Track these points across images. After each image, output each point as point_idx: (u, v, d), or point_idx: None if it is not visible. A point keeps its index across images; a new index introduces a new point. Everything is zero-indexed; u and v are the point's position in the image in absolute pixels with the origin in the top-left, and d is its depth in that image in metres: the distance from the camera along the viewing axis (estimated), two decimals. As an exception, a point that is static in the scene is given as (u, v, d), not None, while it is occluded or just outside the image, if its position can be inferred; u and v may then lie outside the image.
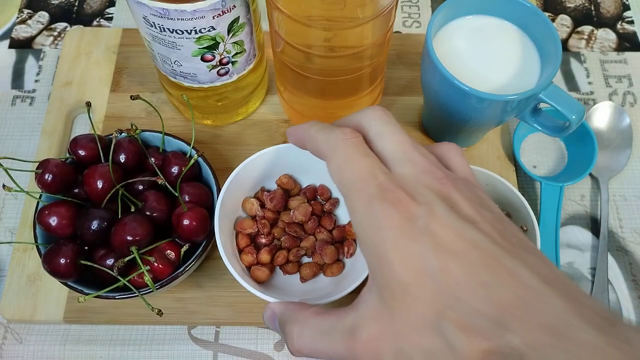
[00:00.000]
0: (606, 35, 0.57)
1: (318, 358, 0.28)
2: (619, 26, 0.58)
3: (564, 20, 0.59)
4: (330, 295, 0.35)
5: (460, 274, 0.23)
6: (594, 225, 0.48)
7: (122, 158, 0.40)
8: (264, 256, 0.39)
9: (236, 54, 0.41)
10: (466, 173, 0.29)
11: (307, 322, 0.28)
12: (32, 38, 0.57)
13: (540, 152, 0.51)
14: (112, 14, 0.59)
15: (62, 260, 0.36)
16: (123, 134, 0.41)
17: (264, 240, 0.40)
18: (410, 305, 0.24)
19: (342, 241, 0.41)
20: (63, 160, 0.40)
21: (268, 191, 0.41)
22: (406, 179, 0.26)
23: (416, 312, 0.24)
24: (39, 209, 0.39)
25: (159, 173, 0.39)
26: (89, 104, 0.41)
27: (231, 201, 0.39)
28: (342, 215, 0.43)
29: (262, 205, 0.41)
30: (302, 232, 0.41)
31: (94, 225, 0.37)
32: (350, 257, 0.40)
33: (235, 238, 0.41)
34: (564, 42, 0.57)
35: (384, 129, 0.28)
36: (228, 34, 0.39)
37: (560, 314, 0.22)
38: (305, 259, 0.41)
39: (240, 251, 0.40)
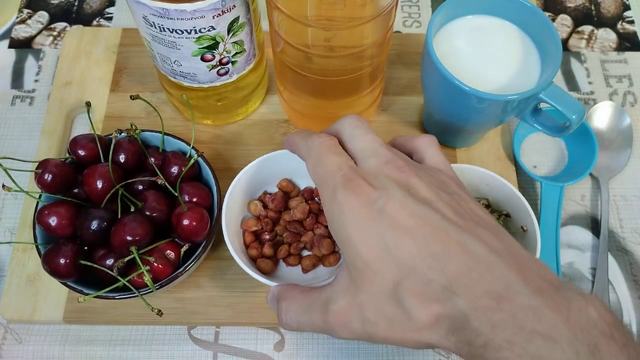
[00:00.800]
0: (606, 35, 0.57)
1: (303, 331, 0.31)
2: (619, 26, 0.58)
3: (564, 20, 0.59)
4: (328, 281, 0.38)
5: (413, 248, 0.26)
6: (594, 225, 0.48)
7: (121, 158, 0.40)
8: (268, 249, 0.42)
9: (236, 53, 0.41)
10: (437, 163, 0.32)
11: (294, 299, 0.32)
12: (32, 38, 0.57)
13: (541, 152, 0.51)
14: (111, 13, 0.59)
15: (62, 261, 0.36)
16: (123, 134, 0.41)
17: (267, 237, 0.43)
18: (372, 279, 0.27)
19: None
20: (63, 160, 0.40)
21: (270, 194, 0.44)
22: (369, 170, 0.29)
23: (377, 284, 0.27)
24: (38, 209, 0.39)
25: (158, 173, 0.39)
26: (88, 104, 0.41)
27: (237, 203, 0.42)
28: None
29: (265, 206, 0.44)
30: (301, 228, 0.43)
31: (94, 225, 0.37)
32: None
33: (242, 236, 0.43)
34: (564, 42, 0.57)
35: (355, 132, 0.31)
36: (228, 34, 0.39)
37: (505, 281, 0.25)
38: (306, 252, 0.43)
39: (247, 247, 0.43)
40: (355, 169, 0.30)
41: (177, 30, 0.37)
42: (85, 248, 0.38)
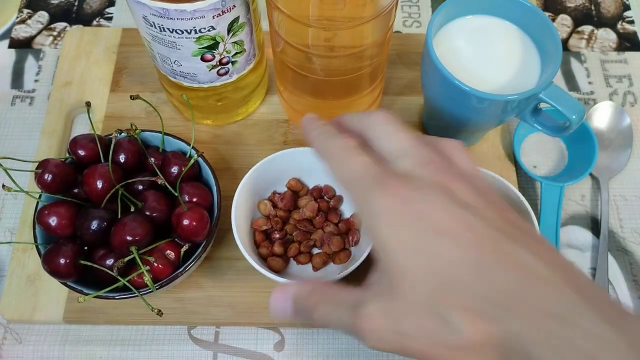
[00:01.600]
0: (606, 35, 0.57)
1: (330, 328, 0.29)
2: (619, 26, 0.58)
3: (564, 20, 0.59)
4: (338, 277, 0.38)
5: (455, 255, 0.24)
6: (594, 225, 0.48)
7: (121, 158, 0.40)
8: (278, 248, 0.43)
9: (236, 53, 0.41)
10: (469, 168, 0.30)
11: (325, 295, 0.29)
12: (32, 38, 0.57)
13: (541, 152, 0.51)
14: (111, 13, 0.59)
15: (62, 261, 0.36)
16: (123, 134, 0.41)
17: (277, 236, 0.44)
18: (408, 287, 0.25)
19: (347, 232, 0.44)
20: (63, 160, 0.40)
21: (279, 193, 0.45)
22: (404, 170, 0.27)
23: (415, 293, 0.24)
24: (38, 209, 0.39)
25: (158, 173, 0.39)
26: (88, 104, 0.41)
27: (246, 203, 0.42)
28: (347, 209, 0.46)
29: (275, 206, 0.45)
30: (311, 226, 0.44)
31: (94, 225, 0.37)
32: (355, 245, 0.43)
33: (253, 235, 0.44)
34: (564, 42, 0.57)
35: (385, 129, 0.29)
36: (228, 34, 0.39)
37: (566, 301, 0.22)
38: (316, 250, 0.44)
39: (257, 246, 0.43)
40: (388, 170, 0.27)
41: (177, 30, 0.37)
42: (85, 248, 0.38)
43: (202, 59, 0.40)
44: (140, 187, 0.40)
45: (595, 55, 0.56)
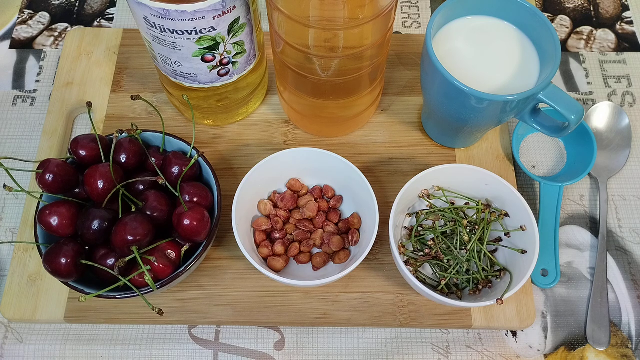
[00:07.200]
0: (605, 36, 0.57)
1: None
2: (618, 27, 0.58)
3: (563, 21, 0.59)
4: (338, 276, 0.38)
5: None
6: (593, 225, 0.48)
7: (122, 158, 0.41)
8: (279, 248, 0.43)
9: (236, 54, 0.41)
10: None
11: None
12: (33, 38, 0.57)
13: (540, 152, 0.51)
14: (112, 14, 0.59)
15: (63, 260, 0.36)
16: (124, 134, 0.41)
17: (278, 235, 0.44)
18: None
19: (347, 232, 0.44)
20: (64, 160, 0.40)
21: (279, 193, 0.45)
22: None
23: None
24: (39, 208, 0.39)
25: (159, 173, 0.39)
26: (89, 104, 0.41)
27: (247, 203, 0.43)
28: (347, 209, 0.46)
29: (275, 206, 0.45)
30: (311, 226, 0.44)
31: (95, 225, 0.37)
32: (355, 245, 0.44)
33: (253, 235, 0.44)
34: (563, 43, 0.57)
35: None
36: (228, 35, 0.39)
37: None
38: (316, 250, 0.44)
39: (258, 245, 0.44)
40: None
41: (178, 31, 0.37)
42: (87, 248, 0.38)
43: (203, 60, 0.40)
44: (141, 187, 0.41)
45: (594, 56, 0.56)
